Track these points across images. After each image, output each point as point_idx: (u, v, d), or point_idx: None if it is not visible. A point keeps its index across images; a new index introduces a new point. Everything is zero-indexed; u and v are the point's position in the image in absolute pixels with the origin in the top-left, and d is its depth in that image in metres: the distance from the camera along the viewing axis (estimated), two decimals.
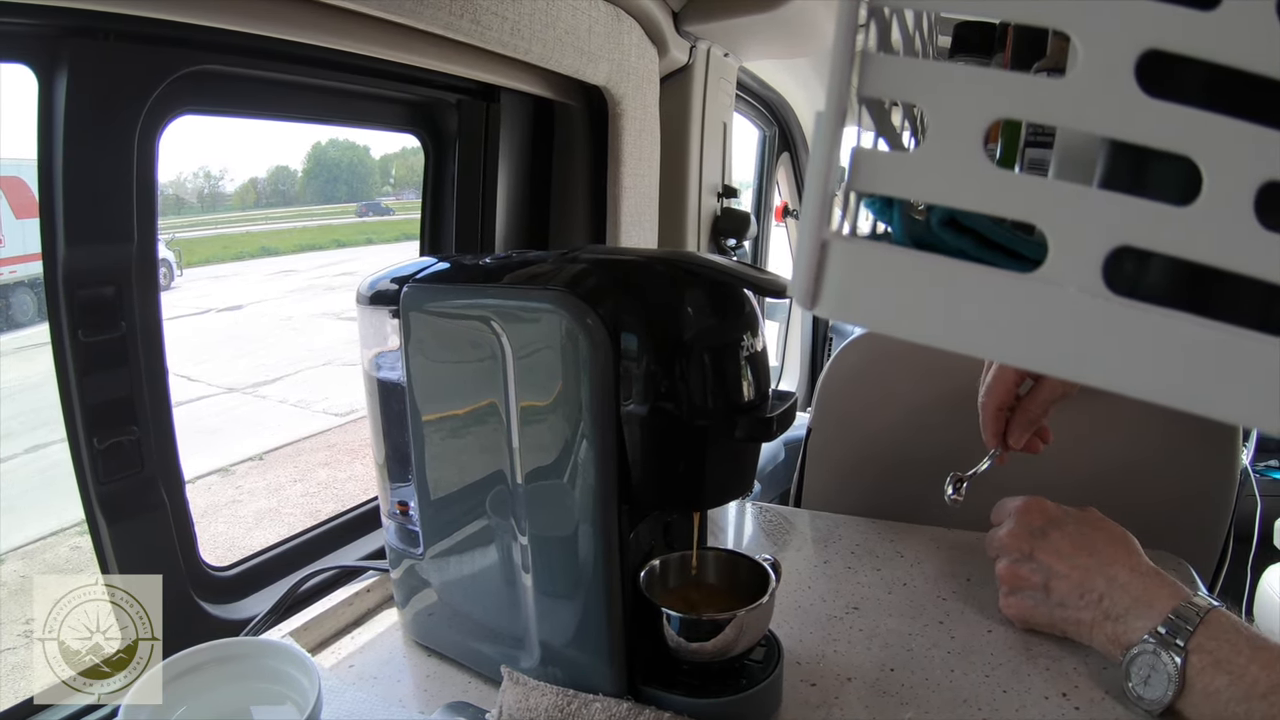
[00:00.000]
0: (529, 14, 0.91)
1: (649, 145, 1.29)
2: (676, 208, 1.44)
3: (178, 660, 0.65)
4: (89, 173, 0.70)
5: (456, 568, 0.73)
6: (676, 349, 0.59)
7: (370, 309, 0.73)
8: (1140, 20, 0.21)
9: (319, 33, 0.76)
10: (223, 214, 9.85)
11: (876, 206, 0.39)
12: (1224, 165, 0.21)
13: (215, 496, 4.18)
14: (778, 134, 2.32)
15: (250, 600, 0.89)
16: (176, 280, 7.60)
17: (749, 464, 0.67)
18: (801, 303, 0.25)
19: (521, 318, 0.61)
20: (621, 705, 0.63)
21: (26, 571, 3.08)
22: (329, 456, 4.81)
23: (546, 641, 0.68)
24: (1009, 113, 0.23)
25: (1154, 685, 0.63)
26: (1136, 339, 0.22)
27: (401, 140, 1.41)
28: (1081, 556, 0.71)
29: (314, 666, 0.65)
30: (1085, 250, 0.22)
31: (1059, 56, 0.71)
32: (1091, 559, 0.71)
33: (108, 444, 0.74)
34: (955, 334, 0.24)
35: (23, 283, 3.97)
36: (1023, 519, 0.77)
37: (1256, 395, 0.22)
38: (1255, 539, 2.49)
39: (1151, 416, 1.00)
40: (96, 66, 0.68)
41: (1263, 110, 0.21)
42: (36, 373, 0.96)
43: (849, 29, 0.23)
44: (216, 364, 6.01)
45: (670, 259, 0.63)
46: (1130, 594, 0.67)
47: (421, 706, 0.72)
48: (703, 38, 1.37)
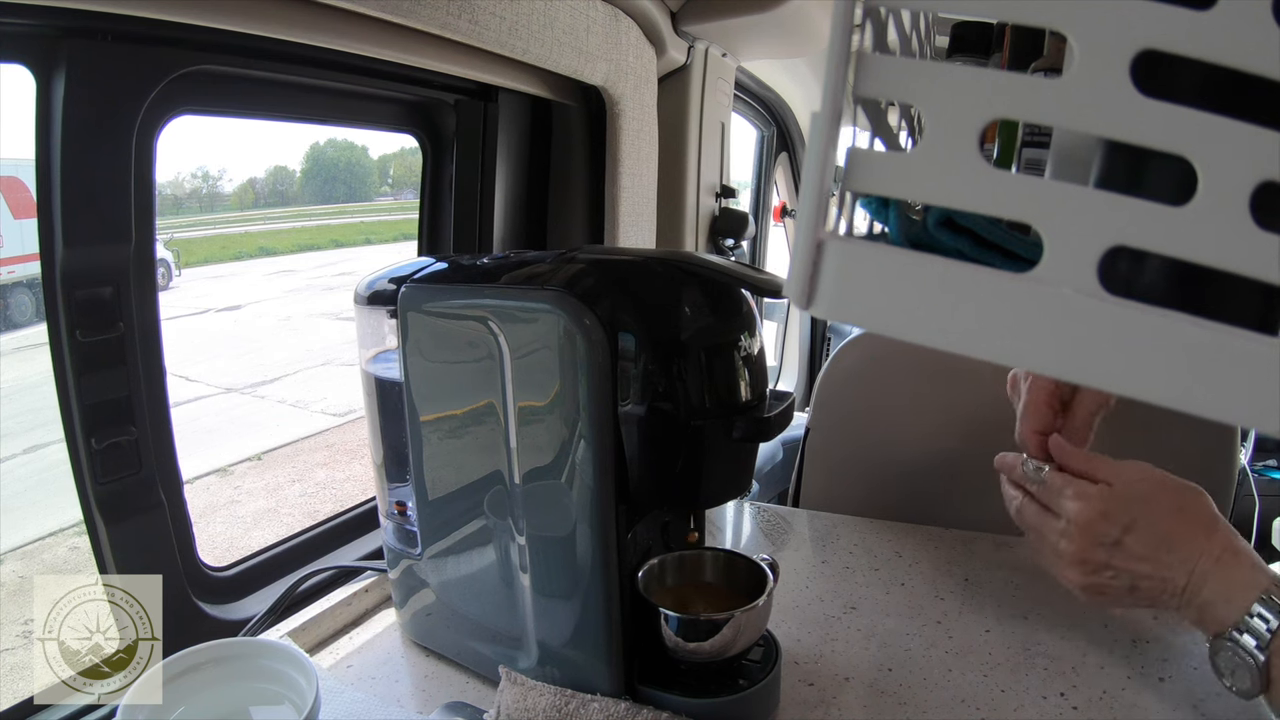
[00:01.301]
0: (527, 14, 0.91)
1: (647, 145, 1.29)
2: (674, 208, 1.44)
3: (176, 660, 0.65)
4: (87, 173, 0.70)
5: (454, 568, 0.73)
6: (674, 349, 0.59)
7: (368, 309, 0.73)
8: (1136, 20, 0.21)
9: (317, 33, 0.76)
10: (221, 214, 9.85)
11: (873, 207, 0.39)
12: (1219, 165, 0.21)
13: (214, 497, 4.17)
14: (776, 134, 2.32)
15: (248, 601, 0.89)
16: (175, 280, 7.59)
17: (747, 464, 0.67)
18: (797, 303, 0.25)
19: (519, 318, 0.61)
20: (619, 705, 0.64)
21: (25, 572, 3.08)
22: (327, 457, 4.80)
23: (544, 641, 0.68)
24: (1004, 113, 0.23)
25: (1240, 677, 0.62)
26: (1132, 339, 0.22)
27: (400, 140, 1.41)
28: (1161, 554, 0.67)
29: (312, 667, 0.65)
30: (1080, 250, 0.22)
31: (1056, 56, 0.71)
32: (1171, 555, 0.67)
33: (106, 444, 0.74)
34: (951, 334, 0.24)
35: (21, 283, 3.97)
36: (1090, 531, 0.69)
37: (1252, 395, 0.22)
38: (1253, 538, 2.49)
39: (1149, 416, 1.00)
40: (94, 67, 0.68)
41: (1258, 110, 0.21)
42: (35, 373, 0.96)
43: (844, 29, 0.23)
44: (215, 364, 6.01)
45: (668, 259, 0.63)
46: (1211, 585, 0.65)
47: (419, 706, 0.72)
48: (701, 38, 1.37)
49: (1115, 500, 0.68)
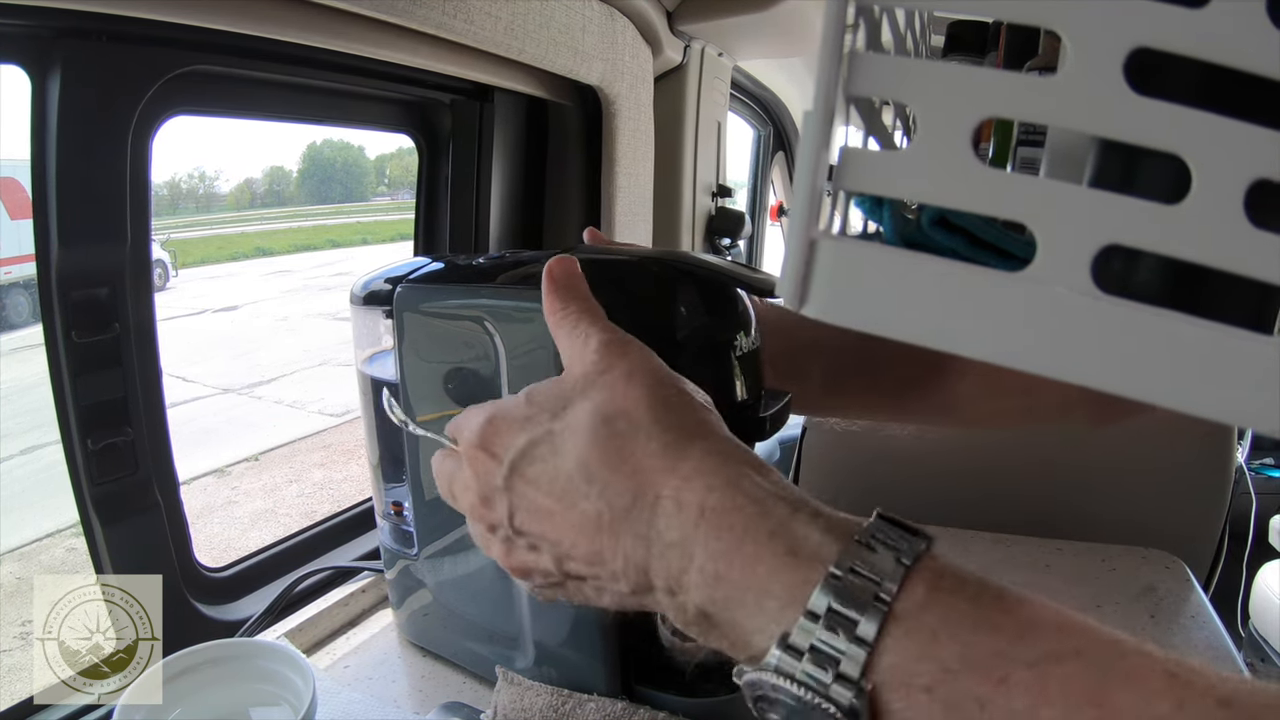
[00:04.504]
0: (523, 14, 0.91)
1: (643, 145, 1.29)
2: (671, 207, 1.44)
3: (173, 661, 0.65)
4: (82, 174, 0.69)
5: (451, 568, 0.72)
6: (669, 348, 0.58)
7: (364, 309, 0.73)
8: (1129, 18, 0.21)
9: (313, 33, 0.76)
10: (218, 214, 9.85)
11: (867, 206, 0.39)
12: (1213, 163, 0.21)
13: (211, 497, 4.17)
14: (772, 133, 2.32)
15: (245, 601, 0.89)
16: (172, 281, 7.59)
17: None
18: (790, 302, 0.25)
19: (515, 318, 0.61)
20: (616, 705, 0.64)
21: (23, 573, 3.08)
22: (325, 457, 4.81)
23: (541, 641, 0.67)
24: (997, 111, 0.23)
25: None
26: (1127, 338, 0.22)
27: (396, 140, 1.41)
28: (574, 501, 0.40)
29: (309, 667, 0.65)
30: (1074, 249, 0.22)
31: (1051, 55, 0.71)
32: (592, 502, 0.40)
33: (102, 445, 0.74)
34: (944, 334, 0.24)
35: (18, 284, 3.96)
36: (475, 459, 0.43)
37: (1248, 395, 0.22)
38: (1250, 537, 2.50)
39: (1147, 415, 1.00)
40: (90, 67, 0.68)
41: (1253, 108, 0.21)
42: (31, 374, 0.96)
43: (837, 28, 0.23)
44: (212, 364, 6.01)
45: (663, 258, 0.63)
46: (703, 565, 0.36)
47: (416, 707, 0.72)
48: (697, 37, 1.37)
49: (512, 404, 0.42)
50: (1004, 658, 0.28)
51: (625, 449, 0.36)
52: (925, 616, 0.30)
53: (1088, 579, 0.93)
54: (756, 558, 0.32)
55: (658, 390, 0.38)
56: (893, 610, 0.30)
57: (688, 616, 0.35)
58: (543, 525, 0.39)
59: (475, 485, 0.42)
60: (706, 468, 0.35)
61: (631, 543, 0.36)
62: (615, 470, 0.36)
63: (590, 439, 0.37)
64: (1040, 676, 0.27)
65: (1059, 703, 0.27)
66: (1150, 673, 0.27)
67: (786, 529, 0.33)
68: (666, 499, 0.35)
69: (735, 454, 0.36)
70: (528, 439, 0.39)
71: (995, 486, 0.87)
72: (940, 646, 0.29)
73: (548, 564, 0.40)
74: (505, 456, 0.40)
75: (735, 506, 0.34)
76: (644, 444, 0.36)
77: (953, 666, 0.28)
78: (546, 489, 0.38)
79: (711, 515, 0.34)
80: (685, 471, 0.35)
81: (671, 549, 0.35)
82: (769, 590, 0.32)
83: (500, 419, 0.41)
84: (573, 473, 0.37)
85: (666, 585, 0.35)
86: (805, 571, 0.31)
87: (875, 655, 0.29)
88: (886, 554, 0.31)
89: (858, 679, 0.29)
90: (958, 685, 0.28)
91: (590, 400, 0.38)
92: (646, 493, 0.35)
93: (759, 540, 0.33)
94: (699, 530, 0.34)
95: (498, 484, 0.40)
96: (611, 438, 0.37)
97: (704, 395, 0.41)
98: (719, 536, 0.33)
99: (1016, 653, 0.28)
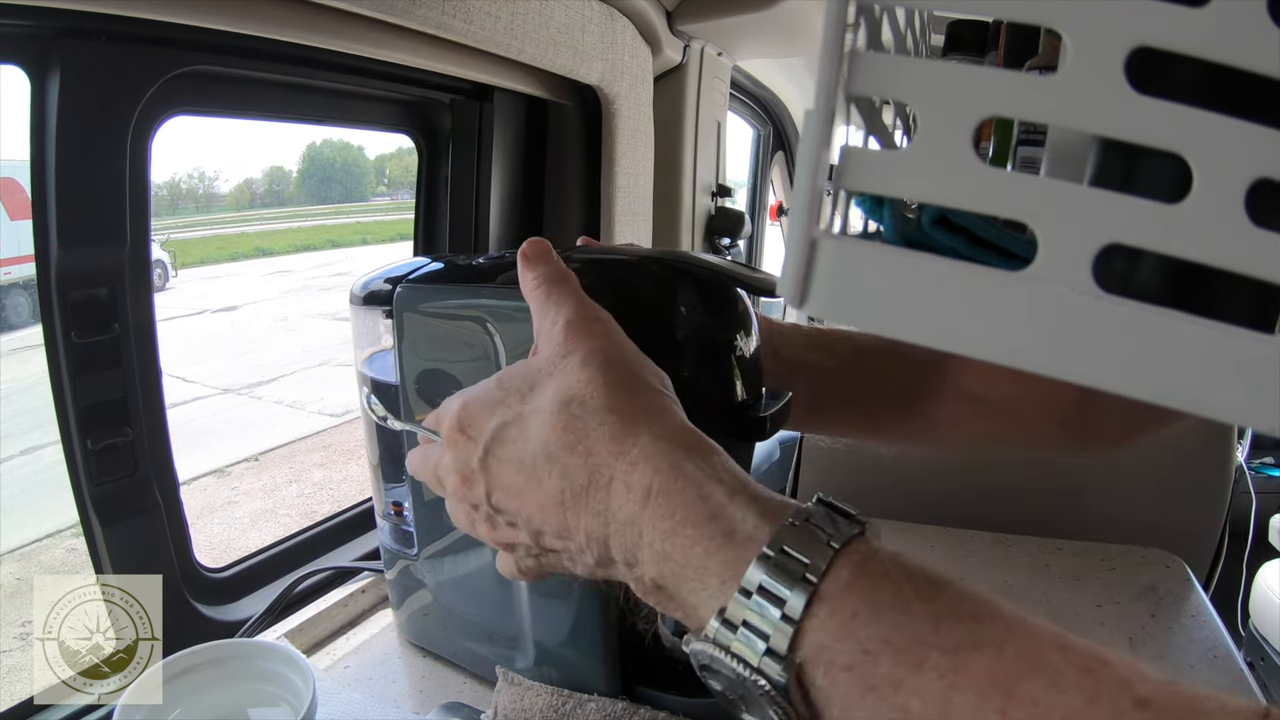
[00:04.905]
0: (522, 13, 0.91)
1: (643, 145, 1.28)
2: (670, 207, 1.44)
3: (173, 661, 0.65)
4: (82, 174, 0.69)
5: (451, 568, 0.72)
6: (669, 348, 0.58)
7: (363, 309, 0.73)
8: (1130, 17, 0.21)
9: (312, 33, 0.76)
10: (218, 214, 9.85)
11: (867, 205, 0.39)
12: (1214, 162, 0.21)
13: (211, 498, 4.18)
14: (772, 133, 2.32)
15: (245, 601, 0.89)
16: (172, 281, 7.59)
17: (743, 463, 0.67)
18: (790, 302, 0.25)
19: (515, 318, 0.61)
20: (616, 705, 0.63)
21: (23, 574, 3.08)
22: (325, 457, 4.81)
23: (541, 641, 0.67)
24: (998, 111, 0.23)
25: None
26: (1128, 337, 0.22)
27: (396, 140, 1.41)
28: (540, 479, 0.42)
29: (309, 668, 0.65)
30: (1075, 248, 0.22)
31: (1051, 54, 0.71)
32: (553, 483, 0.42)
33: (101, 445, 0.74)
34: (945, 333, 0.24)
35: (18, 284, 3.96)
36: (453, 436, 0.45)
37: (1249, 394, 0.21)
38: (1250, 536, 2.50)
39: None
40: (89, 67, 0.68)
41: (1253, 107, 0.21)
42: (31, 374, 0.96)
43: (837, 27, 0.23)
44: (212, 365, 6.01)
45: (663, 258, 0.63)
46: (652, 541, 0.39)
47: (416, 707, 0.72)
48: (696, 37, 1.37)
49: (485, 388, 0.44)
50: (922, 643, 0.29)
51: (580, 432, 0.39)
52: (848, 598, 0.31)
53: (1088, 578, 0.93)
54: (696, 539, 0.35)
55: (610, 374, 0.40)
56: (819, 591, 0.31)
57: (645, 587, 0.38)
58: (516, 502, 0.41)
59: (455, 467, 0.44)
60: (653, 452, 0.37)
61: (590, 519, 0.38)
62: (572, 451, 0.39)
63: (551, 421, 0.40)
64: (956, 663, 0.29)
65: (971, 689, 0.28)
66: (1067, 666, 0.28)
67: (724, 512, 0.35)
68: (618, 481, 0.37)
69: (682, 439, 0.38)
70: (499, 421, 0.42)
71: (995, 486, 0.87)
72: (861, 627, 0.30)
73: (526, 539, 0.43)
74: (480, 439, 0.42)
75: (678, 489, 0.36)
76: (596, 428, 0.39)
77: (872, 648, 0.30)
78: (516, 468, 0.41)
79: (657, 498, 0.36)
80: (633, 456, 0.37)
81: (626, 526, 0.37)
82: (708, 568, 0.34)
83: (474, 403, 0.44)
84: (537, 453, 0.40)
85: (624, 559, 0.38)
86: (740, 551, 0.34)
87: (801, 633, 0.31)
88: (817, 537, 0.33)
89: (785, 654, 0.31)
90: (877, 666, 0.30)
91: (553, 383, 0.41)
92: (600, 474, 0.38)
93: (698, 523, 0.35)
94: (646, 511, 0.36)
95: (474, 465, 0.43)
96: (570, 421, 0.39)
97: (663, 378, 0.43)
98: (663, 518, 0.36)
99: (935, 639, 0.29)
